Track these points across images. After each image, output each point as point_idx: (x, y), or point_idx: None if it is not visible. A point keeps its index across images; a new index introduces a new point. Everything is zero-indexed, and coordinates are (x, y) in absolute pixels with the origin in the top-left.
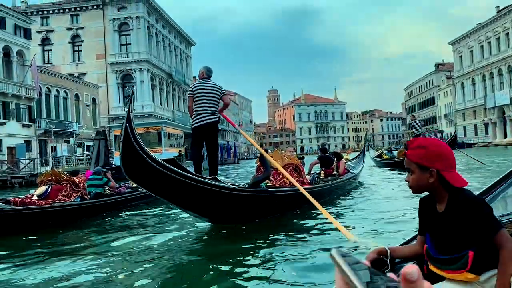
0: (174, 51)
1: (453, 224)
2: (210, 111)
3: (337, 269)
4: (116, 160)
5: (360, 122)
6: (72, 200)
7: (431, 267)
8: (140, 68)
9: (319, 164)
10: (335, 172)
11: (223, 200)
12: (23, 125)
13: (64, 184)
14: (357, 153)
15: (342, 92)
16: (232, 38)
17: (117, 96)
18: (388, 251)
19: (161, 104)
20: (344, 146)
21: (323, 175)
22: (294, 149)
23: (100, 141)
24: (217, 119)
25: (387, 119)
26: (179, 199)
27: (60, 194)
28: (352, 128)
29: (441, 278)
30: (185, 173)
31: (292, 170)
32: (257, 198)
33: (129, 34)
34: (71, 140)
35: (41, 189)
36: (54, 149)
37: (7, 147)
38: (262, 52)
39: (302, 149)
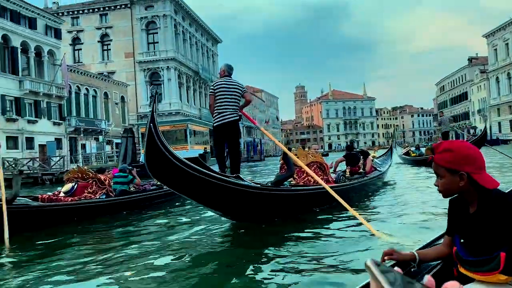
0: (200, 49)
1: (485, 225)
2: (231, 109)
3: (371, 278)
4: (143, 158)
5: (390, 118)
6: (98, 197)
7: (461, 270)
8: (168, 66)
9: (344, 162)
10: (361, 170)
11: (245, 199)
12: (54, 123)
13: (90, 182)
14: (385, 151)
15: (370, 87)
16: (258, 35)
17: (145, 94)
18: (417, 255)
19: (188, 101)
20: (373, 143)
21: (348, 173)
22: (321, 146)
23: (127, 138)
24: (238, 117)
25: (418, 115)
26: (201, 197)
27: (85, 191)
28: (382, 125)
29: (471, 280)
30: (208, 172)
31: (317, 168)
32: (280, 196)
33: (157, 33)
34: (100, 137)
35: (68, 186)
36: (83, 146)
37: (39, 145)
38: (289, 48)
39: (330, 146)
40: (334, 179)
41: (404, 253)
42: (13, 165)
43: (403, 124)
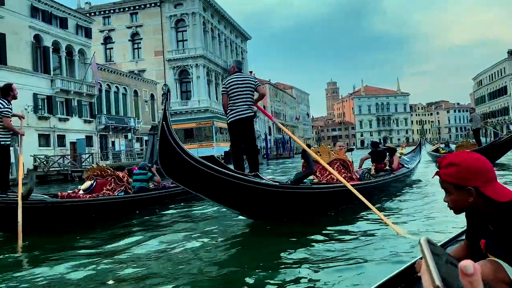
0: (229, 46)
1: (506, 237)
2: (245, 106)
3: (423, 257)
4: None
5: (425, 114)
6: (116, 194)
7: (491, 257)
8: (196, 64)
9: (370, 159)
10: (387, 168)
11: (263, 197)
12: (85, 121)
13: (109, 179)
14: (413, 147)
15: (404, 83)
16: (288, 31)
17: (175, 92)
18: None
19: (217, 99)
20: (407, 139)
21: (373, 170)
22: (353, 143)
23: (154, 135)
24: (252, 113)
25: (454, 111)
26: (217, 196)
27: (104, 188)
28: (417, 121)
29: None
30: (223, 170)
31: (340, 166)
32: (299, 195)
33: (186, 31)
34: (129, 135)
35: (87, 184)
36: (113, 144)
37: (70, 142)
38: (321, 44)
39: (362, 142)
40: (358, 177)
41: None
42: (44, 162)
43: (438, 120)
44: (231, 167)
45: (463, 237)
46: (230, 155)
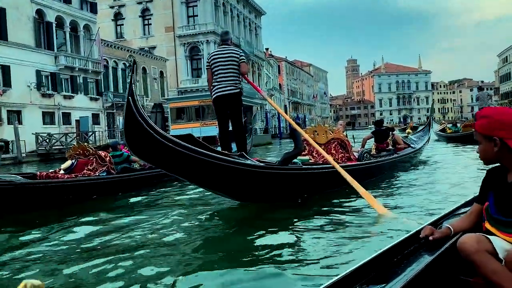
0: (242, 21)
1: None
2: (229, 81)
3: None
4: (172, 133)
5: (446, 93)
6: (97, 174)
7: (488, 225)
8: (207, 40)
9: (373, 138)
10: (390, 147)
11: (245, 178)
12: (91, 99)
13: (91, 158)
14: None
15: (428, 61)
16: (308, 7)
17: (185, 69)
18: (452, 229)
19: None
20: (427, 118)
21: (374, 150)
22: (372, 121)
23: (157, 113)
24: (238, 90)
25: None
26: (193, 176)
27: (85, 168)
28: (438, 99)
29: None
30: (197, 149)
31: (337, 145)
32: (285, 176)
33: (196, 5)
34: None
35: (67, 163)
36: (118, 122)
37: (76, 120)
38: (341, 21)
39: (382, 121)
40: (356, 157)
41: (441, 230)
42: (47, 140)
43: (461, 99)
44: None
45: (462, 210)
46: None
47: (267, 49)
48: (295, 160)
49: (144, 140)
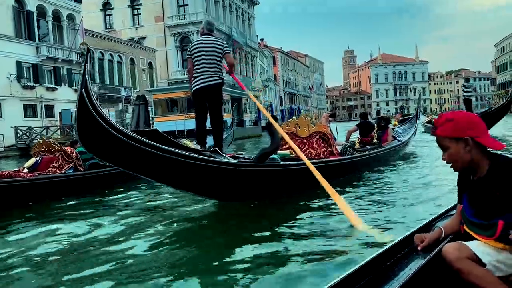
0: (235, 11)
1: (490, 189)
2: (211, 72)
3: None
4: (156, 126)
5: (443, 83)
6: (63, 171)
7: (466, 228)
8: (198, 30)
9: (358, 131)
10: (374, 141)
11: (216, 176)
12: (76, 91)
13: (56, 155)
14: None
15: (424, 51)
16: None
17: (176, 60)
18: (443, 230)
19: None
20: (425, 109)
21: (358, 144)
22: (369, 112)
23: (140, 106)
24: (220, 81)
25: (475, 79)
26: (160, 176)
27: (51, 165)
28: (435, 90)
29: (473, 239)
30: (161, 146)
31: (320, 139)
32: (259, 173)
33: None
34: (120, 105)
35: (31, 161)
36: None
37: (59, 113)
38: (338, 11)
39: (378, 113)
40: (339, 152)
41: (432, 233)
42: (27, 134)
43: (458, 90)
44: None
45: (452, 212)
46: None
47: (262, 39)
48: (273, 156)
49: (99, 137)
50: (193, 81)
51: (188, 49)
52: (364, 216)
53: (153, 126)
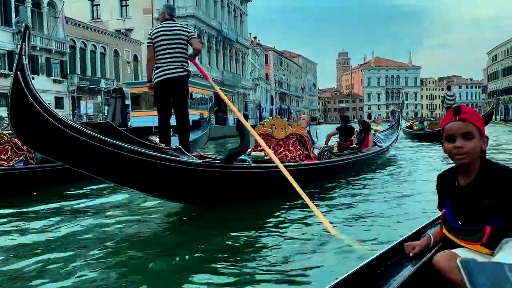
0: (226, 7)
1: (479, 196)
2: (176, 63)
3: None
4: (132, 122)
5: (435, 89)
6: (12, 164)
7: (446, 233)
8: (187, 24)
9: (338, 135)
10: (354, 145)
11: (179, 177)
12: (54, 81)
13: (6, 147)
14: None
15: (420, 57)
16: None
17: None
18: (432, 237)
19: (209, 64)
20: (416, 114)
21: (337, 148)
22: (360, 115)
23: (116, 99)
24: (185, 73)
25: (467, 87)
26: (109, 174)
27: None
28: (427, 96)
29: (455, 245)
30: (111, 141)
31: (296, 141)
32: (224, 175)
33: None
34: (99, 97)
35: None
36: (82, 106)
37: None
38: (335, 13)
39: (369, 116)
40: (316, 155)
41: (422, 241)
42: None
43: None
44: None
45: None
46: (200, 124)
47: (255, 37)
48: (244, 157)
49: (35, 126)
50: (155, 72)
51: (149, 36)
52: (339, 223)
53: (129, 121)
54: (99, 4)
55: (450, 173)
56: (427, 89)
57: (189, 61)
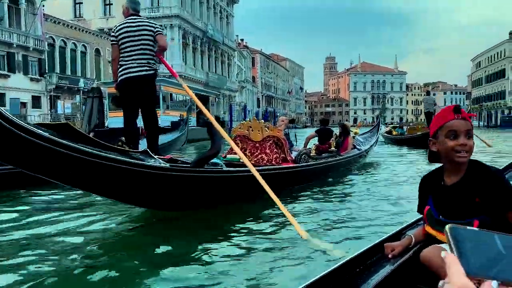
0: (212, 8)
1: (467, 194)
2: (141, 60)
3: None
4: (110, 122)
5: (420, 95)
6: None
7: (429, 229)
8: (171, 24)
9: (317, 138)
10: (332, 148)
11: (144, 182)
12: (32, 79)
13: None
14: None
15: (407, 62)
16: (289, 1)
17: None
18: (413, 238)
19: (194, 65)
20: (401, 119)
21: (314, 151)
22: (346, 119)
23: (93, 98)
24: (152, 72)
25: (451, 93)
26: (66, 178)
27: None
28: (412, 101)
29: (437, 241)
30: (64, 142)
31: (273, 144)
32: (196, 180)
33: None
34: (77, 97)
35: None
36: (60, 105)
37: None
38: (322, 17)
39: (355, 120)
40: (293, 159)
41: (402, 241)
42: None
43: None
44: None
45: (421, 222)
46: (178, 125)
47: (242, 40)
48: (216, 161)
49: None
50: (119, 72)
51: (112, 33)
52: (313, 228)
53: (107, 121)
54: (81, 2)
55: (435, 174)
56: (412, 95)
57: (157, 60)
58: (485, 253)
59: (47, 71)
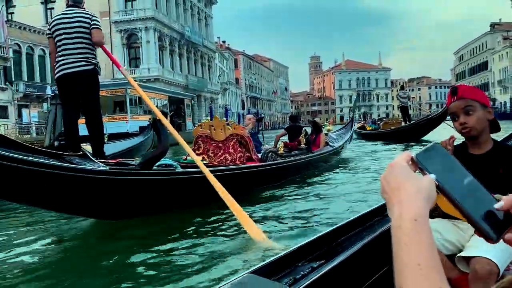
0: (189, 9)
1: (494, 166)
2: (76, 55)
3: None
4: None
5: (406, 90)
6: None
7: None
8: (146, 27)
9: (287, 136)
10: (302, 146)
11: (80, 188)
12: None
13: None
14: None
15: (390, 59)
16: (270, 2)
17: (122, 58)
18: None
19: (172, 68)
20: (387, 115)
21: (282, 149)
22: (333, 118)
23: (57, 105)
24: (90, 66)
25: (436, 87)
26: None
27: None
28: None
29: (450, 216)
30: None
31: (237, 143)
32: (142, 183)
33: None
34: (45, 105)
35: None
36: (23, 114)
37: None
38: (307, 18)
39: (341, 118)
40: (259, 157)
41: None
42: None
43: (419, 96)
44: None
45: None
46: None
47: (224, 41)
48: (170, 162)
49: None
50: (56, 67)
51: (48, 27)
52: (274, 230)
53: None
54: (53, 8)
55: (462, 146)
56: (397, 90)
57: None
58: (444, 165)
59: (13, 79)
